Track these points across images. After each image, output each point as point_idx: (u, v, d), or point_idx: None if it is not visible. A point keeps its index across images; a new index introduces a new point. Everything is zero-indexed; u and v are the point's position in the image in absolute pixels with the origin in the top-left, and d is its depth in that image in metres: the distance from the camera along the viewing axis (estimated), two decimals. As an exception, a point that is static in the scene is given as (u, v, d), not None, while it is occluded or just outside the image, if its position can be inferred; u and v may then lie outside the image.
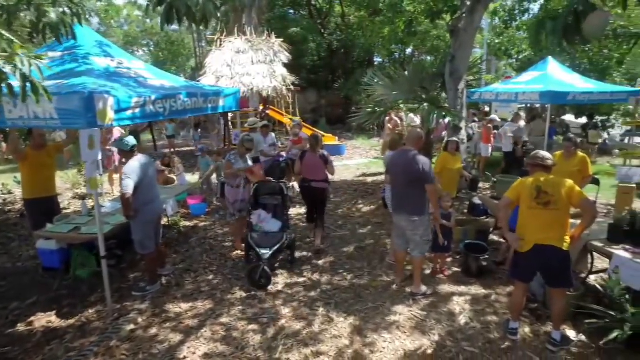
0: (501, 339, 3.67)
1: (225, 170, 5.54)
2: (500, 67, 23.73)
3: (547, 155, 3.49)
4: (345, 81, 19.88)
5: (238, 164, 5.43)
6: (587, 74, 11.37)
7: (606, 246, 3.91)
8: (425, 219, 4.34)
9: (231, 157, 5.51)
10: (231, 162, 5.42)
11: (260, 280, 4.61)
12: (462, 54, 7.59)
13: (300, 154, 5.71)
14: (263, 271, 4.60)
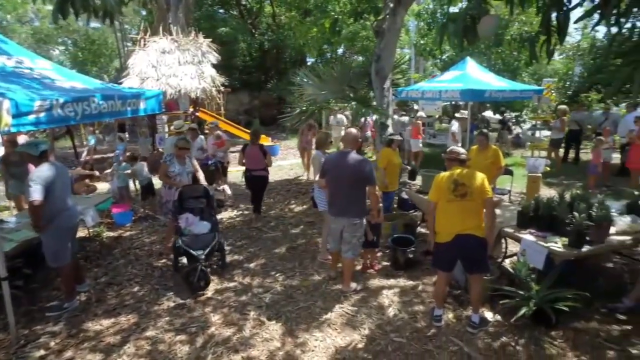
0: (427, 327, 3.83)
1: (161, 172, 5.39)
2: (428, 66, 24.90)
3: (461, 150, 3.70)
4: (278, 81, 19.83)
5: (174, 166, 5.34)
6: (500, 73, 12.26)
7: (516, 231, 4.23)
8: (364, 220, 4.40)
9: (167, 158, 5.45)
10: (167, 164, 5.35)
11: (199, 282, 4.47)
12: (386, 54, 7.85)
13: (242, 147, 6.47)
14: (201, 272, 4.48)
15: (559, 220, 4.06)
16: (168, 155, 5.52)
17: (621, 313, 3.91)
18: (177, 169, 5.38)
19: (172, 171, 5.36)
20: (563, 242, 3.89)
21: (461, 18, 2.42)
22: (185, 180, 5.41)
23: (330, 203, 4.41)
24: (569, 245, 3.83)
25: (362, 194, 4.22)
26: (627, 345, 3.51)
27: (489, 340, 3.61)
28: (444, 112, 15.74)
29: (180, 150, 5.40)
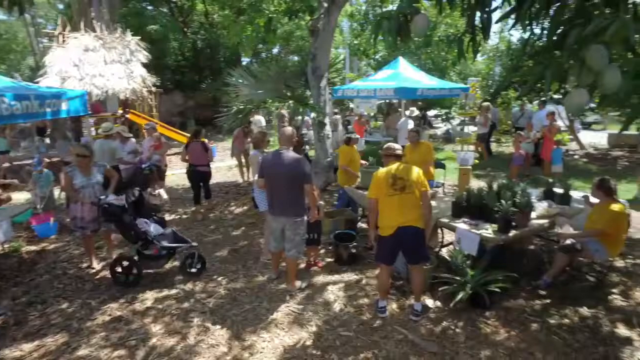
0: (373, 319, 3.92)
1: (65, 186, 4.88)
2: (362, 66, 25.55)
3: (397, 146, 3.84)
4: (213, 81, 19.32)
5: (76, 178, 4.73)
6: (430, 72, 12.90)
7: (451, 221, 4.47)
8: (305, 218, 4.40)
9: (69, 169, 4.80)
10: (70, 176, 4.73)
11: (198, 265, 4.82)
12: (322, 53, 7.95)
13: (185, 144, 6.88)
14: (199, 256, 4.83)
15: (488, 209, 4.34)
16: (70, 166, 4.84)
17: (542, 289, 4.29)
18: (80, 181, 4.73)
19: (75, 184, 4.72)
20: (493, 229, 4.17)
21: (395, 16, 2.51)
22: (91, 194, 4.76)
23: (269, 202, 4.37)
24: (498, 231, 4.11)
25: (300, 192, 4.22)
26: (546, 316, 3.87)
27: (431, 325, 3.78)
28: (379, 110, 16.24)
29: (79, 159, 4.73)
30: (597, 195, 4.15)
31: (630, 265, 4.82)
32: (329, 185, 7.97)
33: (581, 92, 2.16)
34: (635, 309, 3.93)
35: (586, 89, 2.18)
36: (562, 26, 2.23)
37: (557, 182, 5.29)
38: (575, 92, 2.17)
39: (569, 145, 13.64)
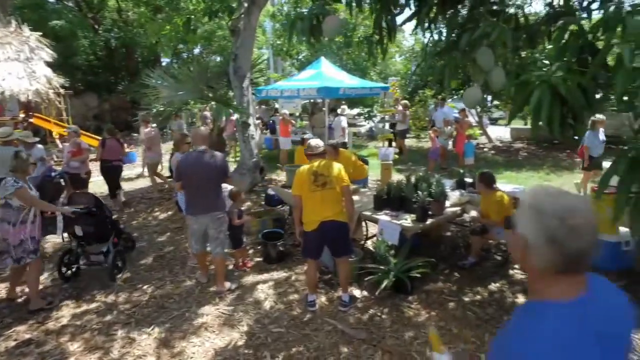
0: (303, 313, 4.01)
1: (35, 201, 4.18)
2: (286, 66, 25.66)
3: (318, 144, 3.96)
4: (130, 83, 18.26)
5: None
6: (352, 72, 13.35)
7: (373, 214, 4.70)
8: (226, 214, 4.45)
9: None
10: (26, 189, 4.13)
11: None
12: (243, 53, 7.90)
13: (101, 142, 7.24)
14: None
15: (407, 200, 4.63)
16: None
17: (467, 267, 4.70)
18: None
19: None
20: (412, 218, 4.46)
21: (307, 17, 2.61)
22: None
23: (189, 203, 4.35)
24: (416, 220, 4.41)
25: (219, 189, 4.34)
26: (461, 295, 4.23)
27: (359, 314, 3.95)
28: (304, 110, 16.46)
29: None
30: (480, 187, 4.65)
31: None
32: (256, 187, 7.95)
33: (475, 89, 2.41)
34: (532, 281, 4.44)
35: (480, 86, 2.43)
36: (456, 30, 2.47)
37: (468, 173, 5.78)
38: (471, 89, 2.41)
39: (480, 139, 14.88)
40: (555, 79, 2.33)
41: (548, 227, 1.00)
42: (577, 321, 1.00)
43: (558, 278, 1.04)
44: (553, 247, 1.00)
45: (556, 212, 1.01)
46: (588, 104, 2.41)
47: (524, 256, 1.06)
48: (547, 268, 1.03)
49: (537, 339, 0.96)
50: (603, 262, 4.54)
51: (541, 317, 1.00)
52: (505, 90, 2.48)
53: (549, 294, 1.04)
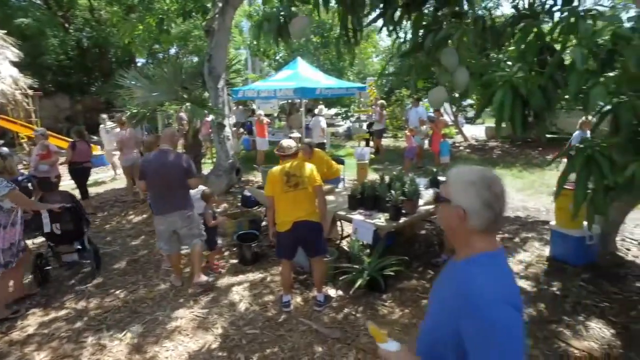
0: (278, 314, 4.00)
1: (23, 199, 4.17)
2: (264, 67, 25.56)
3: (290, 144, 3.96)
4: (104, 83, 17.84)
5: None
6: (329, 72, 13.39)
7: (347, 213, 4.73)
8: (195, 212, 4.49)
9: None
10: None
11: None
12: (218, 53, 7.84)
13: (71, 144, 7.14)
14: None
15: (380, 199, 4.68)
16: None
17: (441, 265, 4.73)
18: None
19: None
20: (385, 217, 4.51)
21: (274, 18, 2.61)
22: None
23: (155, 202, 4.36)
24: (389, 219, 4.45)
25: (186, 187, 4.36)
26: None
27: (334, 314, 3.97)
28: (282, 110, 16.41)
29: None
30: None
31: (500, 240, 5.53)
32: (232, 188, 7.90)
33: (440, 89, 2.46)
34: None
35: (445, 86, 2.48)
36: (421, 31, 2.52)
37: (442, 172, 5.87)
38: (435, 89, 2.46)
39: (456, 138, 15.14)
40: (516, 79, 2.39)
41: (482, 195, 1.27)
42: (505, 263, 1.33)
43: (487, 235, 1.31)
44: (488, 210, 1.27)
45: (484, 183, 1.28)
46: (547, 104, 2.49)
47: (461, 223, 1.30)
48: (481, 228, 1.29)
49: (500, 275, 1.27)
50: (569, 256, 4.71)
51: (494, 263, 1.29)
52: (469, 90, 2.53)
53: (483, 247, 1.30)
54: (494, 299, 1.17)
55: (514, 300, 1.21)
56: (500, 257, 1.32)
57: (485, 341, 1.16)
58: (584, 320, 3.71)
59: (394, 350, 1.39)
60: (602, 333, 3.53)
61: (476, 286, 1.22)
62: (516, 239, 5.62)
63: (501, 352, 1.14)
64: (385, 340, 1.40)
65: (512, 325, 1.16)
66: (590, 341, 3.43)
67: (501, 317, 1.15)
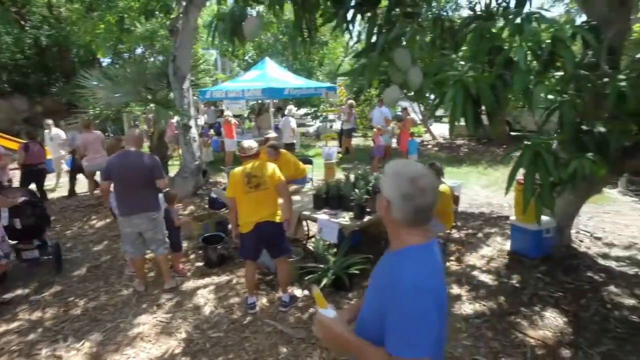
0: (243, 316, 3.97)
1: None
2: (234, 67, 25.30)
3: (251, 145, 3.94)
4: (66, 84, 17.19)
5: None
6: (298, 72, 13.38)
7: (312, 213, 4.74)
8: (162, 214, 4.42)
9: None
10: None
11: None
12: (182, 53, 7.71)
13: (23, 146, 7.16)
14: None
15: (345, 198, 4.71)
16: None
17: None
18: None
19: None
20: (350, 216, 4.54)
21: (228, 18, 2.59)
22: None
23: (121, 204, 4.25)
24: (354, 218, 4.49)
25: (153, 189, 4.29)
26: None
27: (299, 314, 3.97)
28: (252, 111, 16.29)
29: None
30: None
31: (464, 236, 5.67)
32: (200, 190, 7.78)
33: (394, 88, 2.50)
34: (464, 270, 4.67)
35: (399, 85, 2.53)
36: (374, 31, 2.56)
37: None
38: (390, 88, 2.50)
39: (424, 136, 15.42)
40: (466, 78, 2.46)
41: (403, 188, 1.32)
42: (434, 256, 1.37)
43: (414, 229, 1.36)
44: (407, 203, 1.32)
45: (408, 176, 1.33)
46: (497, 102, 2.56)
47: (387, 213, 1.36)
48: (403, 220, 1.34)
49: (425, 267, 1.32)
50: (527, 249, 4.87)
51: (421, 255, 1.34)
52: (424, 89, 2.59)
53: (412, 240, 1.36)
54: (417, 289, 1.26)
55: (437, 293, 1.30)
56: (429, 250, 1.37)
57: (402, 326, 1.26)
58: (540, 311, 3.85)
59: (330, 317, 1.43)
60: (555, 322, 3.68)
61: (402, 276, 1.29)
62: (479, 235, 5.77)
63: (412, 337, 1.24)
64: (325, 307, 1.47)
65: (429, 315, 1.25)
66: (544, 330, 3.57)
67: (420, 306, 1.24)
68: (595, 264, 4.69)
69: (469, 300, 4.09)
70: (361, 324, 1.49)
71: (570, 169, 2.46)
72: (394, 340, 1.28)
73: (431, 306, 1.25)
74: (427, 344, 1.25)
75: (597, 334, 3.46)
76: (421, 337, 1.25)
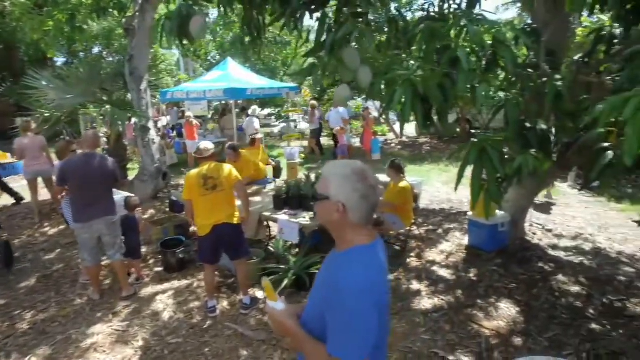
0: (203, 320, 3.90)
1: None
2: (197, 67, 24.83)
3: (207, 147, 3.88)
4: (14, 84, 16.28)
5: None
6: (261, 73, 13.28)
7: (273, 214, 4.72)
8: (119, 218, 4.34)
9: None
10: None
11: None
12: (139, 53, 7.48)
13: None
14: None
15: (305, 198, 4.71)
16: None
17: None
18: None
19: None
20: (310, 216, 4.55)
21: (175, 17, 2.54)
22: None
23: (78, 210, 4.08)
24: (314, 218, 4.49)
25: (110, 192, 4.21)
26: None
27: (260, 316, 3.93)
28: (216, 111, 16.03)
29: None
30: (390, 174, 4.87)
31: (425, 232, 5.80)
32: (160, 193, 7.59)
33: (344, 87, 2.52)
34: (424, 266, 4.77)
35: (348, 84, 2.55)
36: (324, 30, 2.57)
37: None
38: (339, 87, 2.52)
39: (388, 135, 15.66)
40: (414, 78, 2.51)
41: (358, 189, 1.31)
42: (380, 256, 1.37)
43: (362, 228, 1.36)
44: (365, 202, 1.32)
45: (358, 176, 1.32)
46: (445, 100, 2.63)
47: (340, 217, 1.32)
48: (359, 221, 1.34)
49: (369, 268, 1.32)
50: (484, 243, 5.04)
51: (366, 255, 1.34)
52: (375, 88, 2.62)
53: (359, 240, 1.35)
54: (359, 290, 1.25)
55: (380, 294, 1.32)
56: (374, 249, 1.37)
57: (342, 327, 1.26)
58: (495, 302, 3.99)
59: (278, 309, 1.43)
60: (509, 312, 3.82)
61: (346, 277, 1.28)
62: (439, 230, 5.92)
63: (353, 338, 1.25)
64: (275, 299, 1.46)
65: (369, 317, 1.26)
66: (499, 320, 3.70)
67: (362, 308, 1.24)
68: (546, 255, 4.91)
69: (428, 295, 4.18)
70: (306, 320, 1.49)
71: (515, 165, 2.56)
72: (333, 340, 1.28)
73: (373, 309, 1.26)
74: (365, 347, 1.26)
75: (546, 321, 3.62)
76: (360, 340, 1.26)
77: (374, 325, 1.26)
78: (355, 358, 1.25)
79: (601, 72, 2.89)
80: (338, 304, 1.26)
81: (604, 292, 4.06)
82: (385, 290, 1.37)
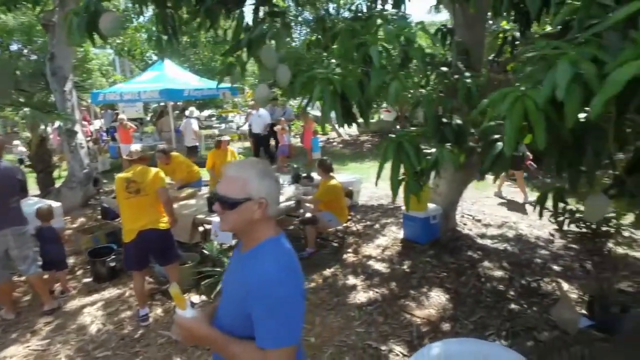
0: (134, 330, 3.74)
1: None
2: (134, 68, 23.76)
3: (137, 148, 3.74)
4: None
5: None
6: (200, 73, 12.94)
7: (207, 216, 4.62)
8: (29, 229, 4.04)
9: None
10: None
11: None
12: (62, 52, 7.04)
13: None
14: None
15: (240, 199, 4.66)
16: None
17: (306, 258, 4.88)
18: None
19: None
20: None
21: (82, 12, 2.41)
22: None
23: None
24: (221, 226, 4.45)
25: (18, 203, 3.92)
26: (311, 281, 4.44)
27: (196, 321, 3.84)
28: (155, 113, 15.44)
29: None
30: (319, 172, 4.97)
31: (362, 228, 5.93)
32: (91, 200, 7.18)
33: (263, 86, 2.52)
34: (360, 261, 4.88)
35: (267, 83, 2.55)
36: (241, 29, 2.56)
37: (302, 167, 6.08)
38: (259, 87, 2.51)
39: (330, 134, 15.85)
40: (332, 76, 2.56)
41: (272, 185, 1.38)
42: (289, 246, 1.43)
43: (273, 221, 1.42)
44: (278, 194, 1.43)
45: (268, 172, 1.39)
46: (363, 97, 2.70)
47: (264, 213, 1.34)
48: (274, 214, 1.40)
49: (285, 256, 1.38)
50: (417, 236, 5.24)
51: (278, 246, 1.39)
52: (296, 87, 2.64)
53: (269, 233, 1.39)
54: (281, 279, 1.30)
55: (298, 280, 1.37)
56: (282, 240, 1.43)
57: (270, 318, 1.27)
58: (427, 291, 4.17)
59: (188, 317, 1.37)
60: (439, 300, 4.00)
61: (265, 269, 1.31)
62: (376, 226, 6.08)
63: (282, 328, 1.27)
64: (184, 307, 1.39)
65: (296, 303, 1.32)
66: (430, 309, 3.86)
67: (287, 295, 1.29)
68: (475, 244, 5.20)
69: (364, 289, 4.28)
70: (220, 322, 1.45)
71: (432, 159, 2.69)
72: (262, 332, 1.28)
73: (298, 293, 1.31)
74: (296, 331, 1.30)
75: (472, 306, 3.84)
76: (290, 326, 1.29)
77: (301, 309, 1.32)
78: (287, 343, 1.27)
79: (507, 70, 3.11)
80: (263, 297, 1.27)
81: (523, 274, 4.37)
82: (302, 276, 1.41)
